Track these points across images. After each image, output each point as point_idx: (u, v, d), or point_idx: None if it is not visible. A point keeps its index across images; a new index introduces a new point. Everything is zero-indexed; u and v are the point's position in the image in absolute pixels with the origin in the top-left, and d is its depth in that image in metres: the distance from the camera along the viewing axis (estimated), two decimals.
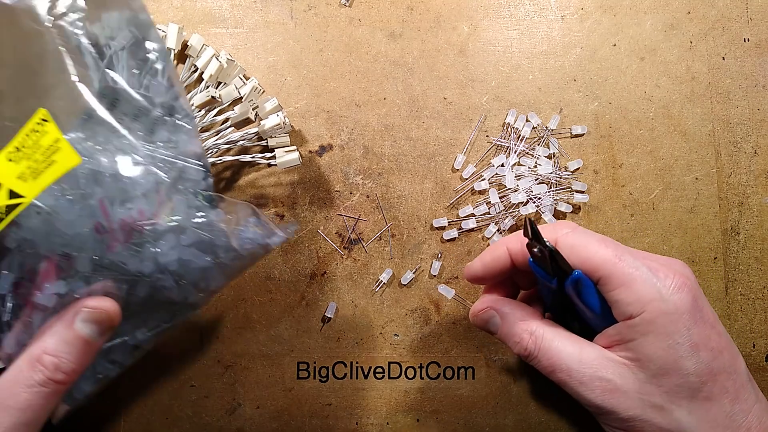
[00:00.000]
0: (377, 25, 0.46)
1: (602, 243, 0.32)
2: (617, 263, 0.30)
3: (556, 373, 0.31)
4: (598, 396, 0.30)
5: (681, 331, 0.29)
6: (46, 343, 0.28)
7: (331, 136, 0.46)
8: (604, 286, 0.31)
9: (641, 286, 0.30)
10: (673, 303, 0.29)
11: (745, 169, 0.46)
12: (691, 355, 0.29)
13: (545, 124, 0.46)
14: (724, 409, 0.29)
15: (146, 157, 0.31)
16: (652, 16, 0.46)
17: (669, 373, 0.29)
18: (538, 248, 0.31)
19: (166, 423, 0.45)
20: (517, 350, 0.34)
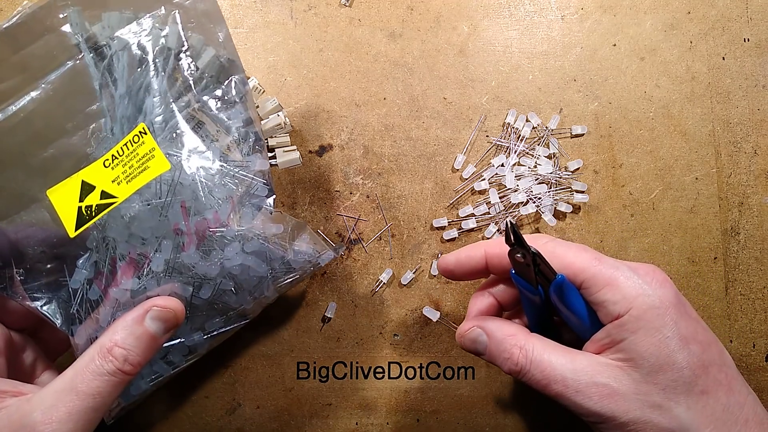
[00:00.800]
0: (377, 25, 0.46)
1: (581, 249, 0.32)
2: (597, 265, 0.31)
3: (551, 385, 0.31)
4: (597, 402, 0.30)
5: (669, 324, 0.29)
6: (117, 335, 0.30)
7: (331, 136, 0.46)
8: (588, 289, 0.31)
9: (625, 284, 0.30)
10: (659, 297, 0.29)
11: (745, 169, 0.46)
12: (681, 349, 0.29)
13: (545, 124, 0.46)
14: (721, 401, 0.29)
15: (221, 172, 0.34)
16: (652, 16, 0.46)
17: (663, 368, 0.29)
18: (522, 253, 0.31)
19: (166, 423, 0.45)
20: (507, 367, 0.33)
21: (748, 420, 0.29)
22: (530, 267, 0.32)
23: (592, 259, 0.31)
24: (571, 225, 0.45)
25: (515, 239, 0.31)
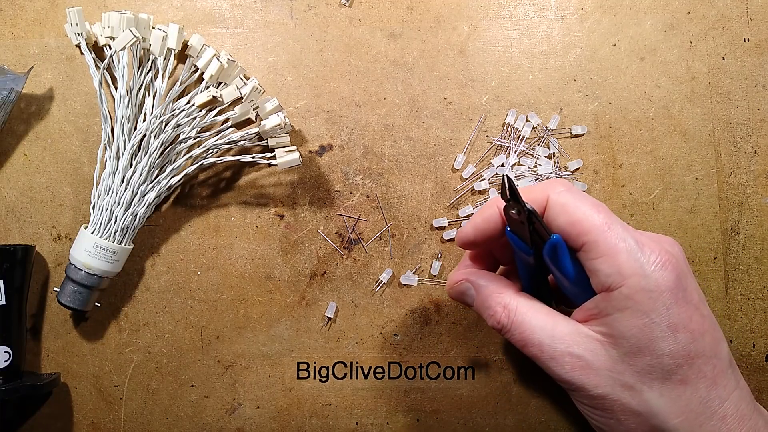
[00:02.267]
0: (377, 25, 0.46)
1: (595, 207, 0.30)
2: (606, 231, 0.29)
3: (528, 347, 0.31)
4: (568, 372, 0.30)
5: (659, 309, 0.28)
6: None
7: (331, 136, 0.46)
8: (586, 253, 0.30)
9: (624, 259, 0.28)
10: (655, 280, 0.28)
11: (745, 169, 0.46)
12: (667, 336, 0.28)
13: (545, 124, 0.46)
14: (699, 394, 0.28)
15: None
16: (652, 16, 0.46)
17: (642, 352, 0.28)
18: (516, 210, 0.30)
19: (166, 423, 0.45)
20: (490, 323, 0.33)
21: (726, 416, 0.29)
22: (525, 225, 0.31)
23: (601, 224, 0.29)
24: None
25: (510, 194, 0.30)
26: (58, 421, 0.45)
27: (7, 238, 0.45)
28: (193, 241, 0.45)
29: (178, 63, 0.46)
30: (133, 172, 0.42)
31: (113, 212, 0.42)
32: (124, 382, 0.45)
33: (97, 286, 0.42)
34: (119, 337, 0.45)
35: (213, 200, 0.46)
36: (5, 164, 0.46)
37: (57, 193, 0.46)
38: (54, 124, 0.46)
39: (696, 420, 0.28)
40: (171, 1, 0.46)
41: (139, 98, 0.43)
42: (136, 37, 0.40)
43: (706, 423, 0.28)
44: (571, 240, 0.30)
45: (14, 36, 0.46)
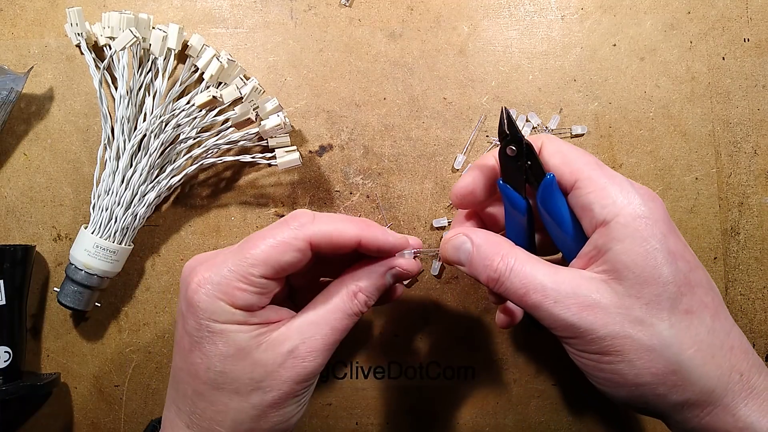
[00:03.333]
0: (377, 25, 0.46)
1: (586, 152, 0.32)
2: (598, 168, 0.30)
3: (530, 294, 0.29)
4: (575, 314, 0.28)
5: (657, 236, 0.28)
6: (362, 283, 0.33)
7: (331, 136, 0.46)
8: (579, 190, 0.30)
9: (618, 190, 0.29)
10: (649, 208, 0.28)
11: (745, 169, 0.46)
12: (668, 263, 0.27)
13: (545, 124, 0.46)
14: (706, 323, 0.28)
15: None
16: (652, 16, 0.46)
17: (648, 282, 0.27)
18: (514, 146, 0.30)
19: None
20: (486, 274, 0.31)
21: (734, 347, 0.28)
22: (521, 166, 0.31)
23: (593, 163, 0.30)
24: None
25: (509, 126, 0.30)
26: (58, 421, 0.45)
27: (7, 238, 0.45)
28: (193, 241, 0.45)
29: (178, 63, 0.46)
30: (133, 172, 0.42)
31: (113, 212, 0.42)
32: (124, 382, 0.45)
33: (97, 286, 0.42)
34: (119, 337, 0.45)
35: (213, 200, 0.46)
36: (5, 164, 0.46)
37: (57, 193, 0.46)
38: (54, 124, 0.46)
39: (708, 350, 0.28)
40: (171, 1, 0.46)
41: (139, 98, 0.43)
42: (136, 37, 0.40)
43: (718, 353, 0.28)
44: (564, 180, 0.31)
45: (14, 36, 0.46)
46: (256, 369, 0.30)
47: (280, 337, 0.30)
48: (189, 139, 0.43)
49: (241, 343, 0.30)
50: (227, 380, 0.30)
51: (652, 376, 0.28)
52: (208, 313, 0.30)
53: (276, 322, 0.31)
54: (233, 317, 0.30)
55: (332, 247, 0.31)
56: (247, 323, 0.30)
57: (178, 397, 0.32)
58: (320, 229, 0.31)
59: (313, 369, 0.31)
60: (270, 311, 0.32)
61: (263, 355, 0.30)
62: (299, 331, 0.31)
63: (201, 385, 0.30)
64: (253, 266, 0.30)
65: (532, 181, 0.31)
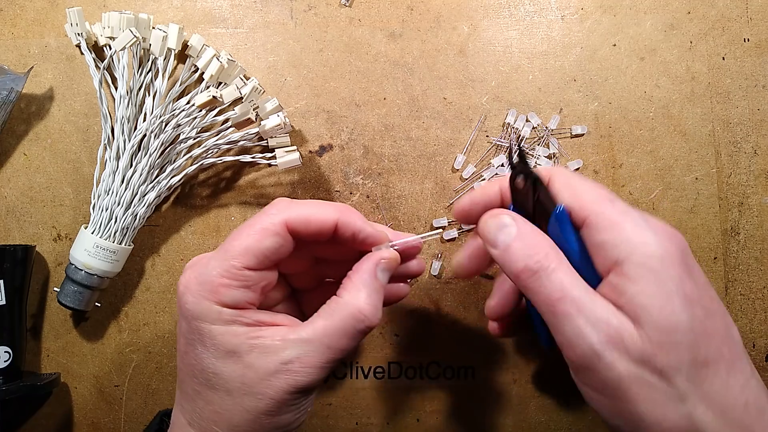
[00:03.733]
0: (377, 25, 0.46)
1: (597, 185, 0.30)
2: (609, 205, 0.28)
3: (564, 301, 0.27)
4: (602, 341, 0.26)
5: (674, 278, 0.26)
6: (361, 294, 0.31)
7: (331, 136, 0.46)
8: (590, 227, 0.28)
9: (631, 227, 0.27)
10: (664, 248, 0.27)
11: (745, 169, 0.46)
12: (685, 309, 0.26)
13: (545, 124, 0.46)
14: (721, 376, 0.26)
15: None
16: (652, 16, 0.46)
17: (666, 330, 0.26)
18: (523, 176, 0.29)
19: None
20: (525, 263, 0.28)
21: (748, 403, 0.27)
22: (529, 194, 0.29)
23: (604, 198, 0.28)
24: None
25: (519, 158, 0.29)
26: (58, 421, 0.45)
27: (7, 238, 0.45)
28: (193, 241, 0.45)
29: (178, 63, 0.46)
30: (133, 172, 0.42)
31: (113, 212, 0.42)
32: (124, 382, 0.45)
33: (97, 286, 0.42)
34: (119, 337, 0.45)
35: (213, 200, 0.46)
36: (5, 164, 0.46)
37: (57, 193, 0.46)
38: (54, 124, 0.46)
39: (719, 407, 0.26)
40: (171, 1, 0.46)
41: (139, 98, 0.43)
42: (136, 37, 0.40)
43: (729, 410, 0.26)
44: (575, 214, 0.29)
45: (14, 36, 0.46)
46: (247, 373, 0.29)
47: (275, 345, 0.30)
48: (189, 139, 0.43)
49: (231, 345, 0.29)
50: (220, 381, 0.30)
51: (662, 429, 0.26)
52: (196, 314, 0.29)
53: (271, 325, 0.31)
54: (221, 316, 0.29)
55: (310, 231, 0.31)
56: (236, 322, 0.30)
57: (182, 395, 0.32)
58: (297, 213, 0.30)
59: (308, 383, 0.30)
60: (262, 314, 0.31)
61: (256, 360, 0.29)
62: (296, 344, 0.30)
63: (198, 385, 0.30)
64: (234, 258, 0.29)
65: (542, 213, 0.30)
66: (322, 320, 0.30)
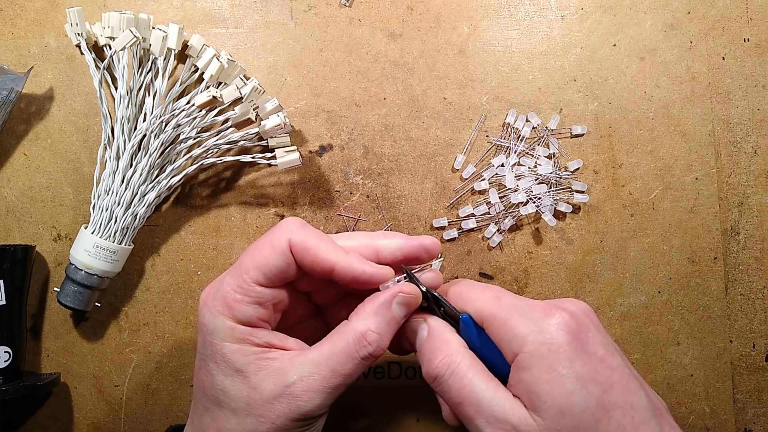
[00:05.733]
0: (377, 25, 0.46)
1: (485, 288, 0.32)
2: (495, 302, 0.31)
3: (464, 405, 0.29)
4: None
5: (563, 361, 0.28)
6: (369, 321, 0.31)
7: (331, 136, 0.46)
8: (488, 329, 0.31)
9: (517, 320, 0.29)
10: (551, 334, 0.29)
11: (745, 169, 0.46)
12: (579, 389, 0.27)
13: (545, 124, 0.46)
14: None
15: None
16: (652, 16, 0.46)
17: (563, 413, 0.27)
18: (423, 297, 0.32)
19: (167, 423, 0.45)
20: (426, 369, 0.31)
21: None
22: (435, 311, 0.33)
23: (491, 298, 0.31)
24: (571, 225, 0.45)
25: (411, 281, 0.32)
26: (58, 421, 0.45)
27: (7, 238, 0.45)
28: (193, 241, 0.45)
29: (178, 63, 0.46)
30: (133, 172, 0.42)
31: (113, 212, 0.42)
32: (124, 382, 0.45)
33: (97, 286, 0.42)
34: (119, 337, 0.45)
35: (213, 200, 0.46)
36: (5, 164, 0.46)
37: (57, 193, 0.46)
38: (54, 124, 0.46)
39: None
40: (171, 1, 0.46)
41: (139, 98, 0.43)
42: (136, 37, 0.40)
43: None
44: (476, 318, 0.31)
45: (14, 36, 0.46)
46: (252, 394, 0.29)
47: (281, 368, 0.30)
48: (189, 139, 0.43)
49: (239, 364, 0.30)
50: (227, 399, 0.30)
51: None
52: (210, 329, 0.30)
53: (281, 349, 0.31)
54: (233, 333, 0.30)
55: (309, 263, 0.31)
56: (247, 341, 0.30)
57: (193, 410, 0.32)
58: (301, 238, 0.31)
59: (310, 410, 0.29)
60: (274, 336, 0.31)
61: (261, 382, 0.30)
62: (299, 367, 0.30)
63: (207, 401, 0.31)
64: (245, 273, 0.30)
65: (452, 322, 0.33)
66: (329, 343, 0.31)
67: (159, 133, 0.42)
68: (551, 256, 0.45)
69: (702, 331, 0.45)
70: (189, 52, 0.44)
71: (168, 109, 0.42)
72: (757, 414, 0.45)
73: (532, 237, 0.45)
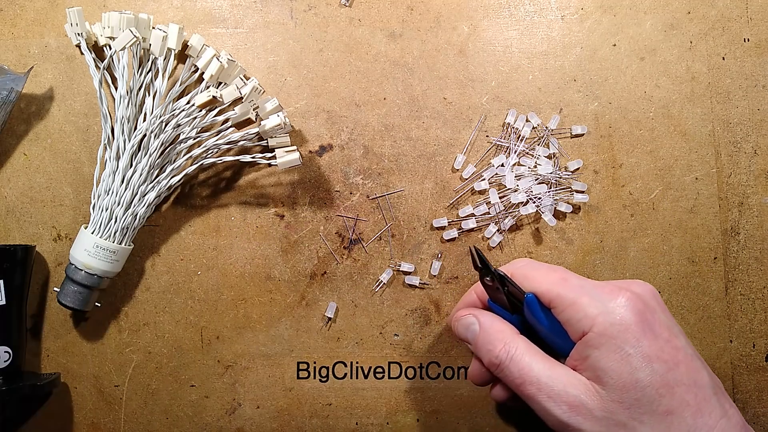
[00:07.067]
0: (377, 25, 0.46)
1: (551, 269, 0.34)
2: (562, 284, 0.32)
3: (526, 385, 0.32)
4: (565, 412, 0.30)
5: (631, 341, 0.30)
6: None
7: (331, 136, 0.46)
8: (555, 309, 0.32)
9: (587, 302, 0.31)
10: (620, 315, 0.30)
11: (745, 169, 0.46)
12: (644, 366, 0.29)
13: (545, 124, 0.46)
14: (686, 422, 0.29)
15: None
16: (652, 16, 0.46)
17: (626, 387, 0.29)
18: (489, 276, 0.33)
19: (166, 423, 0.45)
20: (488, 359, 0.34)
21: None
22: (500, 290, 0.33)
23: (558, 279, 0.33)
24: (571, 225, 0.45)
25: (481, 263, 0.33)
26: (58, 421, 0.45)
27: (7, 238, 0.45)
28: (193, 241, 0.45)
29: (178, 63, 0.46)
30: (133, 172, 0.42)
31: (113, 212, 0.42)
32: (124, 382, 0.45)
33: (97, 286, 0.42)
34: (119, 337, 0.45)
35: (213, 200, 0.46)
36: (5, 164, 0.46)
37: (57, 193, 0.46)
38: (54, 124, 0.46)
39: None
40: (171, 1, 0.46)
41: (139, 98, 0.43)
42: (136, 37, 0.40)
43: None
44: (541, 297, 0.33)
45: (14, 36, 0.46)
46: None
47: None
48: (189, 139, 0.43)
49: None
50: None
51: None
52: None
53: None
54: None
55: None
56: None
57: None
58: None
59: None
60: None
61: None
62: None
63: None
64: None
65: (516, 302, 0.34)
66: None
67: (159, 133, 0.42)
68: (551, 256, 0.45)
69: (702, 331, 0.45)
70: (189, 52, 0.44)
71: (168, 109, 0.42)
72: (757, 414, 0.45)
73: (532, 237, 0.45)
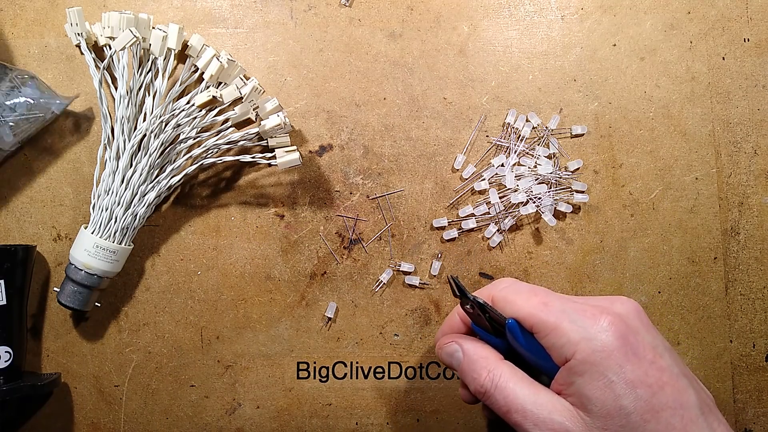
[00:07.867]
0: (377, 25, 0.46)
1: (532, 292, 0.33)
2: (543, 309, 0.31)
3: (512, 413, 0.31)
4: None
5: (613, 367, 0.29)
6: None
7: (331, 136, 0.46)
8: (537, 334, 0.32)
9: (568, 328, 0.30)
10: (601, 341, 0.30)
11: (745, 169, 0.46)
12: (628, 393, 0.29)
13: (545, 124, 0.46)
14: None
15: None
16: (652, 16, 0.46)
17: (611, 414, 0.29)
18: (469, 304, 0.33)
19: (166, 423, 0.45)
20: (474, 387, 0.33)
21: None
22: (481, 317, 0.33)
23: (539, 304, 0.32)
24: (571, 225, 0.45)
25: (459, 291, 0.33)
26: (58, 421, 0.45)
27: (7, 238, 0.45)
28: (193, 241, 0.45)
29: (178, 63, 0.46)
30: (133, 172, 0.42)
31: (113, 212, 0.42)
32: (124, 382, 0.45)
33: (97, 286, 0.42)
34: (119, 337, 0.45)
35: (213, 200, 0.46)
36: (5, 164, 0.46)
37: (57, 193, 0.46)
38: (54, 124, 0.46)
39: None
40: (171, 1, 0.46)
41: (139, 98, 0.43)
42: (136, 37, 0.40)
43: None
44: (523, 322, 0.32)
45: (14, 36, 0.46)
46: None
47: None
48: (189, 139, 0.43)
49: None
50: None
51: None
52: None
53: None
54: None
55: None
56: None
57: None
58: None
59: None
60: None
61: None
62: None
63: None
64: None
65: (498, 328, 0.34)
66: None
67: (159, 133, 0.42)
68: (551, 256, 0.45)
69: (702, 331, 0.45)
70: (189, 52, 0.44)
71: (168, 109, 0.42)
72: (757, 414, 0.45)
73: (532, 237, 0.45)
